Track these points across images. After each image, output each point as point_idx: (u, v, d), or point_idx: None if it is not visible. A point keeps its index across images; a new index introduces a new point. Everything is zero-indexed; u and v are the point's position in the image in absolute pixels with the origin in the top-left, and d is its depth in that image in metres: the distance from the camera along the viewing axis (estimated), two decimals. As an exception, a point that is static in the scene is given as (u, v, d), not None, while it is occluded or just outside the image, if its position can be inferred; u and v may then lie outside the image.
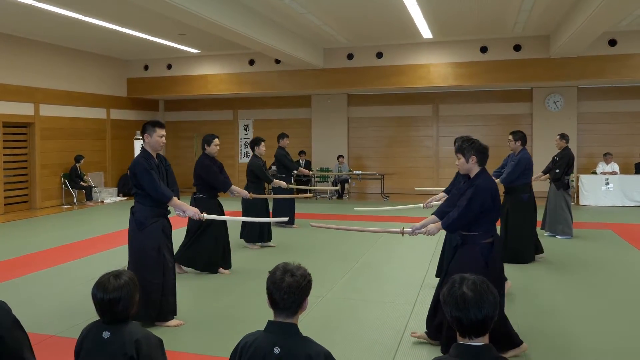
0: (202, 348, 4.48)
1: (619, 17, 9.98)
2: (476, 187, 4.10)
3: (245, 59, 15.37)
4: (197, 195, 6.90)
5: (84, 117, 14.89)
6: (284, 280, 2.25)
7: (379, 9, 10.58)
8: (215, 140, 6.95)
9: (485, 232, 4.14)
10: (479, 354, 2.01)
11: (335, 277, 6.68)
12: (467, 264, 4.01)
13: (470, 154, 4.18)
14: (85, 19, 10.93)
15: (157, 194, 4.83)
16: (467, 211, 4.07)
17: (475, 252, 4.10)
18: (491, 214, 4.15)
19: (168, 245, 5.03)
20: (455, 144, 5.87)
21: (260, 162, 8.58)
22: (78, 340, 2.53)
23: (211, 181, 6.84)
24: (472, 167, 4.21)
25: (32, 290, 6.18)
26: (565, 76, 13.33)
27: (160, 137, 5.02)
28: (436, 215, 4.55)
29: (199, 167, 6.89)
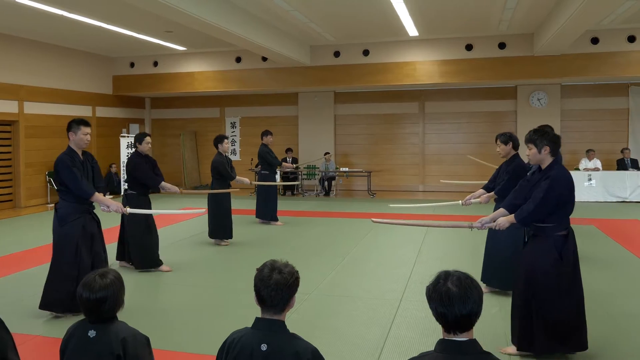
0: (189, 346, 4.47)
1: (601, 15, 10.08)
2: (552, 179, 3.95)
3: (232, 57, 15.32)
4: (128, 191, 6.99)
5: (69, 114, 14.63)
6: (271, 278, 2.25)
7: (366, 6, 10.59)
8: (147, 139, 7.05)
9: (559, 224, 4.01)
10: (464, 349, 2.02)
11: (323, 273, 6.69)
12: (539, 257, 4.00)
13: (543, 144, 4.03)
14: (70, 15, 10.81)
15: (78, 190, 5.02)
16: (544, 203, 3.92)
17: (548, 244, 4.00)
18: (567, 206, 4.04)
19: (87, 242, 5.14)
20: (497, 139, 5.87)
21: (223, 160, 8.59)
22: (63, 339, 2.51)
23: (141, 178, 6.91)
24: (545, 158, 4.07)
25: (16, 290, 6.11)
26: (548, 74, 13.45)
27: (85, 135, 5.23)
28: (505, 209, 4.35)
29: (130, 164, 6.98)
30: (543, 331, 3.97)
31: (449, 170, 15.89)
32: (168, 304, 5.65)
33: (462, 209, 6.87)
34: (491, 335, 4.59)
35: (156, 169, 7.15)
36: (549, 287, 3.97)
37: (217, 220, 8.53)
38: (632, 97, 14.74)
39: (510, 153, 5.83)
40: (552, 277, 3.96)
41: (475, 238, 8.75)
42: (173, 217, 11.21)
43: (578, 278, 4.07)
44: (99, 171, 5.42)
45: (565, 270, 3.97)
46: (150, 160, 7.12)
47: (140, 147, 7.00)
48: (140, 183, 6.93)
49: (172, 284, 6.39)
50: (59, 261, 5.09)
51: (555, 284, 3.96)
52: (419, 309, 5.26)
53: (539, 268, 4.00)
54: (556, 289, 3.97)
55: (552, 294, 3.97)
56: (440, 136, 16.19)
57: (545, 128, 4.23)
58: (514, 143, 5.83)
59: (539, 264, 4.01)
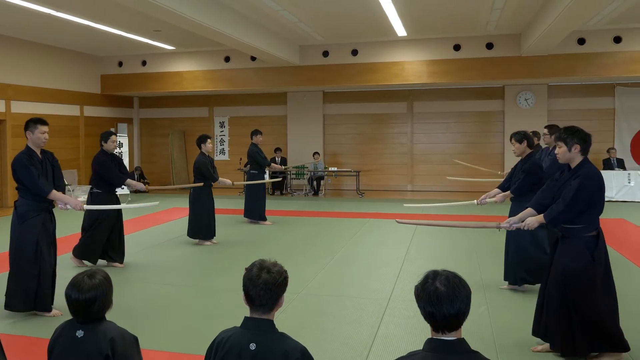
0: (178, 345, 4.45)
1: (587, 16, 10.15)
2: (583, 177, 3.89)
3: (220, 56, 15.27)
4: (94, 190, 7.01)
5: (57, 114, 14.56)
6: (260, 277, 2.25)
7: (354, 6, 10.60)
8: (112, 137, 7.08)
9: (589, 224, 3.93)
10: (452, 348, 2.03)
11: (312, 273, 6.69)
12: (572, 259, 3.92)
13: (574, 142, 3.98)
14: (57, 14, 10.70)
15: (35, 188, 5.04)
16: (574, 203, 3.86)
17: (579, 246, 3.92)
18: (597, 206, 3.96)
19: (47, 240, 5.16)
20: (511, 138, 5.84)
21: (206, 160, 8.58)
22: (51, 339, 2.49)
23: (106, 176, 6.95)
24: (575, 157, 4.01)
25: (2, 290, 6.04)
26: (536, 74, 13.53)
27: (42, 134, 5.22)
28: (533, 208, 4.29)
29: (96, 163, 7.01)
30: (586, 333, 3.90)
31: (438, 170, 15.92)
32: (155, 303, 5.62)
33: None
34: (479, 334, 4.60)
35: (122, 167, 7.22)
36: (585, 289, 3.88)
37: (198, 219, 8.50)
38: (618, 97, 14.87)
39: (525, 152, 5.79)
40: (587, 279, 3.88)
41: (464, 237, 8.81)
42: (161, 218, 11.19)
43: (611, 278, 4.01)
44: (59, 170, 5.45)
45: (599, 271, 3.90)
46: (116, 158, 7.17)
47: (106, 145, 7.03)
48: (106, 181, 6.96)
49: (161, 284, 6.36)
50: (19, 259, 5.07)
51: (592, 285, 3.89)
52: (408, 308, 5.27)
53: (573, 271, 3.92)
54: (593, 290, 3.89)
55: (589, 296, 3.89)
56: (428, 136, 16.24)
57: (575, 126, 4.16)
58: (528, 141, 5.79)
59: (572, 267, 3.93)
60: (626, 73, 12.99)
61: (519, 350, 4.34)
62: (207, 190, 8.65)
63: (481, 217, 10.52)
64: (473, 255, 7.64)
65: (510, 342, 4.49)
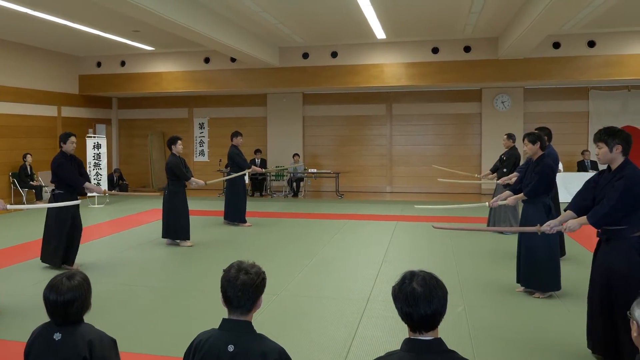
0: (156, 348, 4.42)
1: (562, 21, 10.29)
2: (627, 178, 3.77)
3: (200, 57, 15.19)
4: (56, 191, 6.94)
5: (34, 114, 14.42)
6: (238, 278, 2.24)
7: (334, 9, 10.62)
8: (72, 139, 7.01)
9: (635, 225, 3.78)
10: (429, 347, 2.04)
11: (291, 274, 6.68)
12: (618, 261, 3.79)
13: (615, 142, 3.85)
14: (34, 13, 10.54)
15: None
16: (620, 204, 3.73)
17: (626, 247, 3.77)
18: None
19: None
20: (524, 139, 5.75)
21: (178, 161, 8.54)
22: (27, 343, 2.45)
23: (65, 178, 6.88)
24: (616, 157, 3.89)
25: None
26: (512, 77, 13.69)
27: None
28: (572, 210, 4.16)
29: (54, 164, 6.93)
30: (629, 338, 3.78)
31: (416, 172, 16.05)
32: (134, 305, 5.57)
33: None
34: (456, 334, 4.64)
35: (81, 169, 7.14)
36: (633, 292, 3.57)
37: (175, 221, 8.45)
38: (592, 101, 15.11)
39: (537, 153, 5.72)
40: (635, 281, 3.68)
41: (442, 239, 8.86)
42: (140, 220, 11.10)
43: None
44: None
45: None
46: (76, 160, 7.09)
47: (65, 146, 6.96)
48: (65, 183, 6.89)
49: (137, 286, 6.31)
50: None
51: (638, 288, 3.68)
52: (386, 308, 5.29)
53: (619, 273, 3.79)
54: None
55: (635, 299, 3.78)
56: (407, 138, 16.32)
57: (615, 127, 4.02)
58: (541, 143, 5.72)
59: (618, 268, 3.80)
60: (600, 77, 13.21)
61: (495, 349, 4.38)
62: (181, 191, 8.60)
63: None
64: (451, 256, 7.69)
65: (486, 341, 4.52)
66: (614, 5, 10.20)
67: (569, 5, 8.72)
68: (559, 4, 8.48)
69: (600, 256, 4.00)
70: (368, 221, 10.94)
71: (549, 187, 5.62)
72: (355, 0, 9.78)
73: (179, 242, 8.48)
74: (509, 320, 5.09)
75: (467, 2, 10.20)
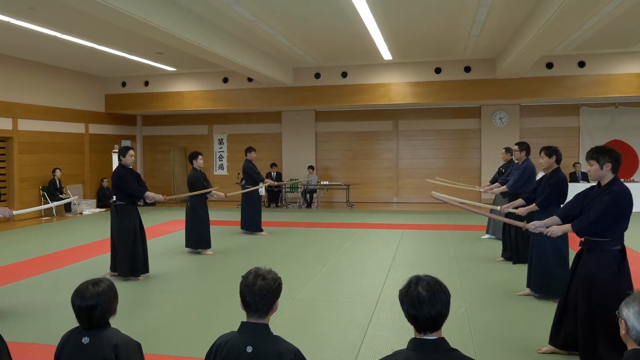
0: (179, 350, 4.42)
1: (554, 43, 10.33)
2: (615, 194, 3.81)
3: (219, 77, 15.30)
4: (117, 202, 6.88)
5: (63, 131, 14.49)
6: (255, 284, 2.25)
7: (344, 32, 10.68)
8: (130, 152, 6.99)
9: (615, 239, 3.84)
10: (433, 346, 2.06)
11: (304, 280, 6.68)
12: (599, 271, 3.82)
13: (605, 160, 3.88)
14: (63, 36, 10.62)
15: None
16: (604, 217, 3.77)
17: (606, 258, 3.82)
18: (625, 222, 3.86)
19: None
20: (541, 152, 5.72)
21: (199, 175, 8.53)
22: (58, 346, 2.45)
23: (126, 189, 6.84)
24: (606, 174, 3.90)
25: (11, 300, 5.95)
26: (509, 95, 13.70)
27: None
28: (559, 217, 4.21)
29: (115, 176, 6.90)
30: (608, 343, 3.76)
31: (421, 183, 15.99)
32: (158, 311, 5.60)
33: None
34: (459, 334, 4.63)
35: (140, 180, 7.10)
36: (609, 300, 3.73)
37: (197, 231, 8.45)
38: (583, 117, 15.17)
39: (552, 166, 5.66)
40: (611, 291, 3.74)
41: (446, 246, 8.84)
42: (162, 230, 11.15)
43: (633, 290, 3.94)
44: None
45: (625, 284, 3.79)
46: (134, 172, 7.06)
47: (124, 159, 6.94)
48: (127, 194, 6.87)
49: (161, 292, 6.33)
50: None
51: (615, 298, 3.69)
52: (394, 310, 5.28)
53: (599, 280, 3.83)
54: (617, 303, 3.79)
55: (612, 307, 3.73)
56: (412, 152, 16.33)
57: (606, 146, 4.04)
58: (557, 157, 5.68)
59: (598, 276, 3.84)
60: (589, 94, 13.26)
61: (495, 348, 4.37)
62: (203, 203, 8.61)
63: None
64: (453, 262, 7.68)
65: (487, 341, 4.51)
66: (601, 28, 10.25)
67: (561, 29, 8.73)
68: (551, 28, 8.51)
69: (581, 265, 4.03)
70: (376, 230, 10.92)
71: (561, 198, 5.55)
72: (364, 24, 9.84)
73: (200, 251, 8.51)
74: (508, 321, 5.07)
75: (467, 26, 10.23)
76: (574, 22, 8.42)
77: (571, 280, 4.09)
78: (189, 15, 9.16)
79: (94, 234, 10.30)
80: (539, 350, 4.25)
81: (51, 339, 4.41)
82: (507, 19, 9.86)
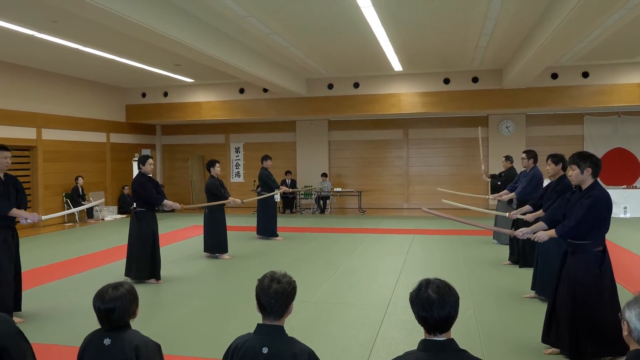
0: (197, 351, 4.43)
1: (559, 54, 10.30)
2: (595, 197, 3.87)
3: (235, 88, 15.38)
4: (137, 209, 6.92)
5: (85, 140, 14.58)
6: (271, 287, 2.26)
7: (356, 45, 10.70)
8: (150, 160, 7.03)
9: (596, 240, 3.92)
10: (443, 347, 2.06)
11: (318, 283, 6.68)
12: (581, 272, 3.91)
13: (586, 165, 3.95)
14: (85, 49, 10.68)
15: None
16: (585, 220, 3.84)
17: (588, 260, 3.91)
18: (605, 224, 3.95)
19: (7, 252, 5.10)
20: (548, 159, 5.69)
21: (216, 182, 8.54)
22: (80, 347, 2.46)
23: (145, 197, 6.88)
24: (586, 179, 3.97)
25: (36, 303, 5.98)
26: (515, 104, 13.65)
27: (5, 159, 5.17)
28: (545, 223, 4.29)
29: (135, 184, 6.94)
30: (592, 340, 3.88)
31: (430, 190, 15.99)
32: (177, 313, 5.62)
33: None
34: (467, 335, 4.62)
35: (158, 187, 7.14)
36: (593, 300, 3.87)
37: (215, 236, 8.48)
38: (586, 125, 15.09)
39: (558, 173, 5.65)
40: (594, 291, 3.87)
41: (455, 251, 8.80)
42: (180, 236, 11.20)
43: (615, 290, 3.99)
44: (22, 191, 5.39)
45: (606, 284, 3.91)
46: (153, 180, 7.09)
47: (144, 168, 6.98)
48: (146, 201, 6.91)
49: (180, 295, 6.35)
50: None
51: (599, 298, 3.88)
52: (404, 312, 5.26)
53: (582, 283, 3.91)
54: (599, 302, 3.88)
55: (596, 307, 3.88)
56: (421, 160, 16.29)
57: (587, 152, 4.12)
58: (563, 164, 5.65)
59: (581, 279, 3.92)
60: (593, 104, 13.20)
61: (503, 348, 4.35)
62: (220, 209, 8.63)
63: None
64: (462, 265, 7.65)
65: (494, 342, 4.49)
66: (604, 40, 10.21)
67: (565, 42, 8.71)
68: (555, 41, 8.49)
69: (565, 267, 4.08)
70: (387, 235, 10.90)
71: None
72: (375, 37, 9.86)
73: (217, 255, 8.54)
74: (515, 322, 5.04)
75: (475, 38, 10.21)
76: (578, 35, 8.37)
77: (558, 281, 4.14)
78: (206, 28, 9.24)
79: (115, 239, 10.36)
80: (545, 351, 4.23)
81: (74, 340, 4.42)
82: (513, 32, 9.84)
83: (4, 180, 5.19)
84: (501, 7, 8.18)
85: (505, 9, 8.34)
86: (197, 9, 8.47)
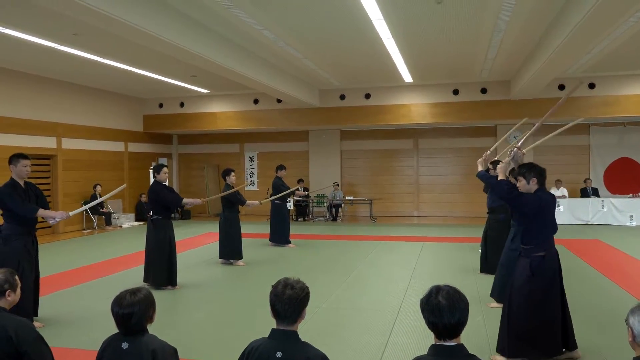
0: (213, 355, 4.45)
1: (566, 66, 10.27)
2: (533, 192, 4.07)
3: (250, 99, 15.46)
4: (154, 217, 6.94)
5: (104, 149, 14.67)
6: (284, 293, 2.27)
7: (368, 56, 10.73)
8: (164, 169, 7.07)
9: (537, 245, 4.02)
10: (452, 352, 2.06)
11: (330, 289, 6.68)
12: (518, 274, 4.07)
13: (531, 176, 4.09)
14: (104, 61, 10.78)
15: (22, 210, 5.05)
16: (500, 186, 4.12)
17: (525, 263, 4.02)
18: (544, 230, 4.04)
19: (28, 258, 5.14)
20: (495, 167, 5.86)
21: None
22: (99, 351, 2.48)
23: (164, 201, 6.91)
24: (532, 188, 4.09)
25: (55, 308, 6.02)
26: (523, 115, 13.45)
27: (25, 167, 5.19)
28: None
29: (151, 192, 6.97)
30: (515, 338, 3.99)
31: (440, 198, 15.99)
32: (193, 318, 5.64)
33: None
34: (476, 340, 4.59)
35: (173, 192, 7.24)
36: (520, 300, 4.00)
37: (229, 243, 8.50)
38: (593, 136, 15.01)
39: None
40: (524, 293, 3.99)
41: (463, 258, 8.75)
42: (196, 242, 11.23)
43: (553, 293, 4.02)
44: (42, 196, 5.45)
45: (537, 287, 3.97)
46: (168, 187, 7.14)
47: (159, 176, 7.03)
48: (164, 207, 6.95)
49: (196, 300, 6.39)
50: None
51: (526, 299, 3.97)
52: (415, 318, 5.25)
53: (516, 284, 4.07)
54: (526, 303, 3.97)
55: (522, 307, 3.98)
56: (431, 169, 16.25)
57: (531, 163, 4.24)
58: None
59: (516, 280, 4.08)
60: (599, 114, 13.13)
61: None
62: (235, 216, 8.67)
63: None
64: (471, 272, 7.60)
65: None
66: (610, 52, 10.16)
67: (572, 52, 8.69)
68: (562, 53, 8.48)
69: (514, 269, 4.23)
70: (398, 242, 10.87)
71: None
72: (386, 49, 9.89)
73: (232, 261, 8.56)
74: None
75: (483, 50, 10.20)
76: (585, 46, 8.34)
77: None
78: (222, 41, 9.31)
79: (132, 245, 10.42)
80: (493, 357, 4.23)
81: (93, 344, 4.43)
82: (521, 44, 9.82)
83: (25, 187, 5.26)
84: (509, 20, 8.18)
85: (514, 22, 8.34)
86: (215, 23, 8.55)
